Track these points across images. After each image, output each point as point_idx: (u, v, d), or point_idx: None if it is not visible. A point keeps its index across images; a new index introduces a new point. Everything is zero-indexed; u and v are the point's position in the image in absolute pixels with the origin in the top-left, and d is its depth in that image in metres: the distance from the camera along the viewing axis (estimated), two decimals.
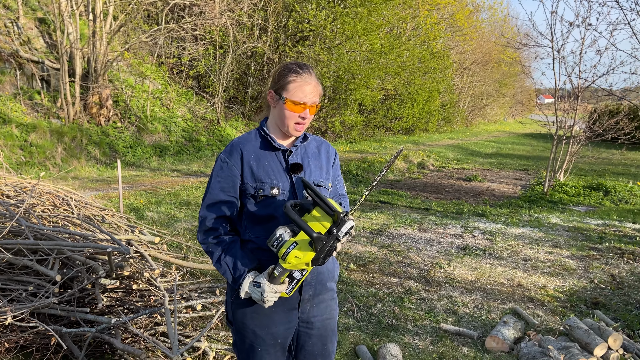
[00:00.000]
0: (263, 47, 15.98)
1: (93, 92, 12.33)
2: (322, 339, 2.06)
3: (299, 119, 1.89)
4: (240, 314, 1.97)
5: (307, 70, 1.90)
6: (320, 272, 2.00)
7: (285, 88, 1.88)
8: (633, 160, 16.68)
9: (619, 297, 4.78)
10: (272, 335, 1.96)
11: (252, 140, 1.96)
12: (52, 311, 3.04)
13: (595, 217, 8.29)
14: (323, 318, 2.05)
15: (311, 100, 1.89)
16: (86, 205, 3.97)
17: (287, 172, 1.93)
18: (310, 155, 2.01)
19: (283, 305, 1.95)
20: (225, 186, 1.91)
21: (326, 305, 2.06)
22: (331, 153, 2.10)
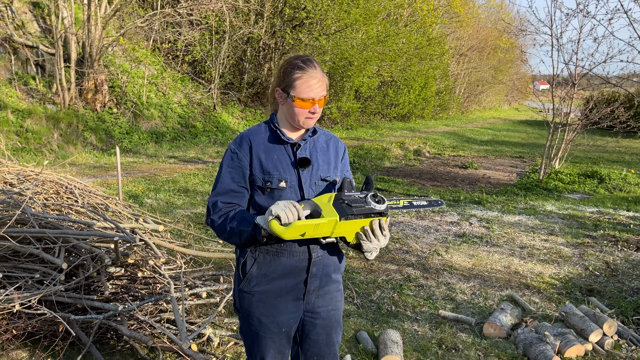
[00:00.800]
0: (259, 33, 15.87)
1: (88, 77, 12.24)
2: (326, 329, 2.10)
3: (309, 114, 1.92)
4: (246, 302, 2.01)
5: (311, 65, 1.91)
6: (326, 265, 2.03)
7: (292, 86, 1.89)
8: (627, 148, 16.80)
9: (614, 284, 4.88)
10: (277, 324, 2.01)
11: (261, 133, 1.98)
12: (60, 298, 3.08)
13: (589, 204, 8.39)
14: (328, 309, 2.09)
15: (319, 95, 1.90)
16: (90, 194, 3.99)
17: (295, 165, 1.96)
18: (318, 150, 2.03)
19: (288, 295, 1.99)
20: (236, 176, 1.94)
21: (331, 296, 2.09)
22: (340, 148, 2.12)
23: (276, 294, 1.98)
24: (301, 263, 1.97)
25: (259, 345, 2.05)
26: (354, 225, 1.81)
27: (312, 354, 2.13)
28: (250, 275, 1.97)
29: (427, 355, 3.50)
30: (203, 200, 7.45)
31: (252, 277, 1.97)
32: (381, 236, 1.83)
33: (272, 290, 1.97)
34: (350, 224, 1.80)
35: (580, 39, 9.98)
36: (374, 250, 1.88)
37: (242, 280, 2.00)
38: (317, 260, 1.99)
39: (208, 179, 8.90)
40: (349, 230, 1.83)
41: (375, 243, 1.84)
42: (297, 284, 1.99)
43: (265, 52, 16.92)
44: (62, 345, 3.09)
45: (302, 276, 1.99)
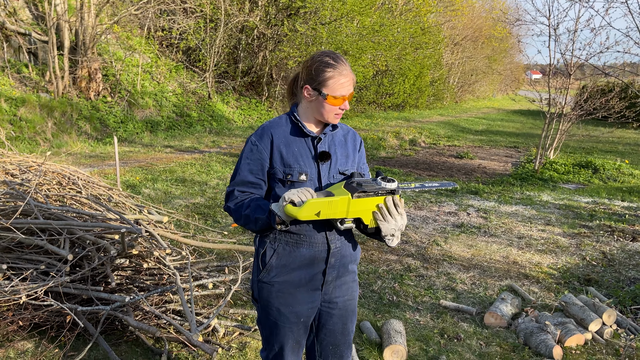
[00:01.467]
0: (255, 21, 15.75)
1: (82, 65, 12.12)
2: (342, 319, 2.14)
3: (339, 110, 1.95)
4: (265, 292, 2.03)
5: (341, 62, 1.93)
6: (343, 256, 2.06)
7: (325, 84, 1.90)
8: (620, 138, 16.93)
9: (611, 274, 4.95)
10: (295, 314, 2.04)
11: (282, 125, 2.00)
12: (66, 290, 3.08)
13: (585, 194, 8.46)
14: (345, 299, 2.12)
15: (349, 92, 1.94)
16: (93, 184, 3.97)
17: (315, 159, 1.98)
18: (337, 143, 2.05)
19: (307, 285, 2.02)
20: (254, 168, 1.96)
21: (348, 286, 2.13)
22: (357, 141, 2.14)
23: (295, 285, 2.01)
24: (320, 254, 2.00)
25: (277, 335, 2.08)
26: (368, 204, 1.86)
27: (328, 343, 2.17)
28: (269, 266, 2.00)
29: (429, 344, 3.55)
30: (201, 190, 7.45)
31: (272, 268, 2.00)
32: (397, 215, 1.87)
33: (291, 281, 2.00)
34: (363, 202, 1.84)
35: (577, 29, 10.01)
36: (395, 233, 1.90)
37: (262, 270, 2.02)
38: (336, 251, 2.02)
39: (205, 169, 8.88)
40: (364, 210, 1.86)
41: (393, 224, 1.87)
42: (315, 274, 2.02)
43: (260, 41, 16.80)
44: (69, 336, 3.10)
45: (320, 267, 2.01)
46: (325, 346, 2.18)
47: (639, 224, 6.64)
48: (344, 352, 2.21)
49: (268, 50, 16.83)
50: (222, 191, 7.52)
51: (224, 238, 4.94)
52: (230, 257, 4.66)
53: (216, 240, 4.33)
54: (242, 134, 13.59)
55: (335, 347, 2.17)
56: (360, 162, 2.15)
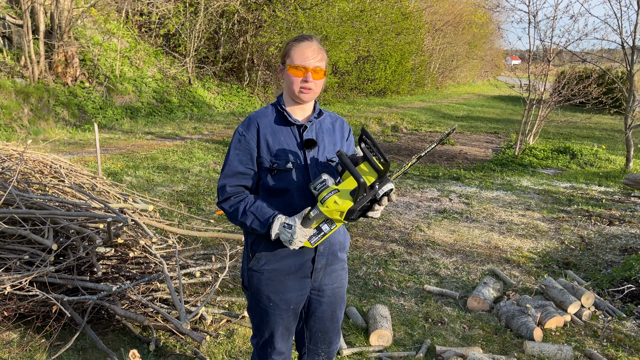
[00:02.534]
0: (235, 6, 15.53)
1: (58, 50, 11.83)
2: (332, 306, 2.17)
3: (302, 83, 1.94)
4: (255, 280, 2.06)
5: (308, 38, 1.98)
6: (332, 244, 2.09)
7: (288, 55, 1.96)
8: (597, 124, 17.25)
9: (588, 257, 5.09)
10: (285, 301, 2.06)
11: (268, 115, 2.01)
12: (51, 279, 3.06)
13: (563, 179, 8.64)
14: (334, 287, 2.15)
15: (312, 64, 1.93)
16: (76, 173, 3.92)
17: (301, 147, 1.99)
18: (324, 131, 2.07)
19: (297, 273, 2.05)
20: (243, 159, 1.97)
21: (337, 274, 2.16)
22: (345, 129, 2.16)
23: (285, 272, 2.03)
24: None
25: (267, 322, 2.11)
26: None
27: (317, 330, 2.20)
28: (259, 254, 2.02)
29: (414, 328, 3.62)
30: (183, 178, 7.39)
31: (262, 256, 2.02)
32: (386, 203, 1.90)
33: (280, 269, 2.02)
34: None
35: (557, 16, 10.12)
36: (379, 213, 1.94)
37: (252, 259, 2.04)
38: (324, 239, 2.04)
39: (187, 156, 8.80)
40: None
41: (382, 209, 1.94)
42: (305, 262, 2.04)
43: (240, 26, 16.59)
44: (56, 326, 3.08)
45: (310, 254, 2.04)
46: (314, 333, 2.21)
47: (615, 209, 6.82)
48: (332, 338, 2.25)
49: (249, 35, 16.64)
50: (205, 178, 7.47)
51: (209, 226, 4.93)
52: (217, 245, 4.66)
53: (202, 229, 4.32)
54: (223, 120, 13.48)
55: (324, 333, 2.21)
56: (350, 149, 2.16)
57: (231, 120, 13.54)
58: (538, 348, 3.28)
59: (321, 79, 1.98)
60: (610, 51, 14.27)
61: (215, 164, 8.47)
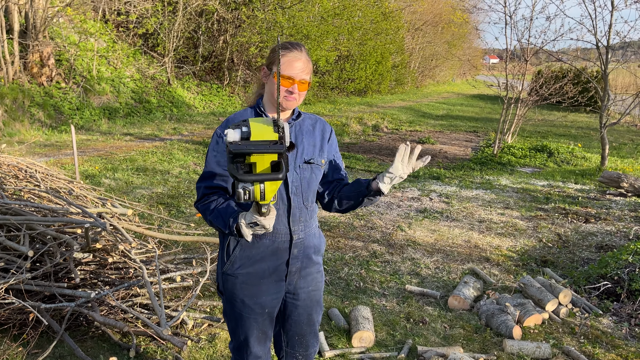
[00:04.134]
0: (214, 5, 15.42)
1: (33, 50, 11.60)
2: (307, 309, 2.18)
3: (287, 93, 1.95)
4: (230, 284, 2.06)
5: (297, 48, 1.98)
6: (306, 247, 2.09)
7: (275, 62, 1.95)
8: (573, 122, 17.55)
9: (565, 255, 5.18)
10: (259, 305, 2.06)
11: (246, 117, 2.00)
12: (28, 287, 3.00)
13: (540, 178, 8.77)
14: (309, 290, 2.16)
15: (299, 76, 1.94)
16: (52, 177, 3.84)
17: None
18: (304, 133, 2.07)
19: (271, 276, 2.05)
20: (221, 160, 1.97)
21: (312, 277, 2.16)
22: (326, 130, 2.16)
23: (259, 276, 2.03)
24: (283, 244, 2.02)
25: (242, 326, 2.10)
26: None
27: (294, 333, 2.21)
28: (233, 258, 2.02)
29: (396, 329, 3.64)
30: (163, 180, 7.32)
31: (236, 260, 2.02)
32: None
33: (255, 272, 2.02)
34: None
35: (533, 16, 10.28)
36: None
37: (226, 263, 2.04)
38: (298, 241, 2.05)
39: (167, 157, 8.71)
40: None
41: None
42: (279, 265, 2.04)
43: (220, 25, 16.48)
44: (33, 334, 3.02)
45: (284, 257, 2.04)
46: (291, 336, 2.22)
47: (591, 206, 6.95)
48: (309, 341, 2.25)
49: (229, 34, 16.55)
50: (185, 180, 7.41)
51: (190, 229, 4.89)
52: (197, 249, 4.62)
53: (182, 232, 4.28)
54: (203, 121, 13.38)
55: (301, 337, 2.22)
56: (332, 151, 2.16)
57: (211, 121, 13.45)
58: (517, 346, 3.33)
59: (306, 89, 1.99)
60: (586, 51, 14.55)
61: (195, 165, 8.40)
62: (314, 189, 2.10)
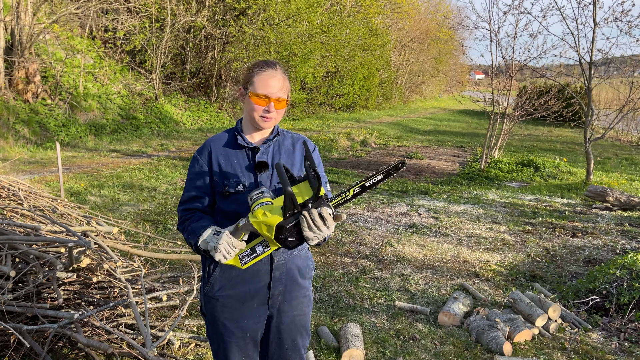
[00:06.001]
0: (202, 22, 15.48)
1: (19, 66, 11.52)
2: (291, 334, 2.10)
3: (264, 112, 1.93)
4: (211, 307, 2.01)
5: (272, 66, 1.95)
6: (290, 269, 2.02)
7: (251, 82, 1.93)
8: (558, 137, 17.78)
9: (554, 270, 5.19)
10: (241, 329, 2.01)
11: (223, 138, 2.02)
12: (9, 308, 2.92)
13: (527, 192, 8.84)
14: (293, 314, 2.08)
15: (275, 95, 1.92)
16: (35, 195, 3.77)
17: (252, 169, 1.97)
18: (282, 152, 2.04)
19: (253, 300, 1.99)
20: (198, 183, 1.99)
21: (298, 302, 2.08)
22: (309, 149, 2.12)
23: (240, 299, 1.99)
24: (263, 267, 1.97)
25: (224, 349, 2.05)
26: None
27: (278, 357, 2.13)
28: (213, 279, 1.99)
29: (386, 346, 3.60)
30: (150, 196, 7.24)
31: (216, 281, 1.99)
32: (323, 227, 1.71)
33: (235, 295, 1.98)
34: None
35: (517, 34, 10.44)
36: (315, 239, 1.74)
37: (207, 284, 2.01)
38: (280, 264, 1.99)
39: (154, 174, 8.64)
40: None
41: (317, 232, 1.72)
42: (260, 288, 1.99)
43: (208, 42, 16.53)
44: (15, 356, 2.93)
45: (265, 280, 1.99)
46: None
47: (578, 220, 7.00)
48: None
49: (216, 50, 16.59)
50: (172, 197, 7.34)
51: (177, 247, 4.83)
52: (184, 266, 4.55)
53: (169, 250, 4.22)
54: (191, 137, 13.33)
55: None
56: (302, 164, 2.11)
57: (199, 137, 13.40)
58: None
59: (283, 108, 1.97)
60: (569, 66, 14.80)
61: (182, 182, 8.34)
62: None
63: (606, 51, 9.26)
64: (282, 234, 1.71)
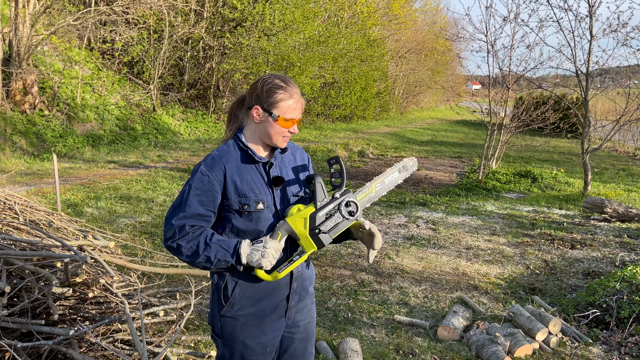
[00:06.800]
0: (200, 33, 15.53)
1: (16, 77, 11.52)
2: (304, 342, 2.14)
3: (288, 133, 1.93)
4: (229, 327, 1.97)
5: (291, 85, 1.93)
6: (303, 279, 2.06)
7: (276, 106, 1.88)
8: (555, 148, 17.83)
9: (553, 282, 5.16)
10: (261, 345, 2.00)
11: (232, 154, 1.94)
12: (4, 324, 2.88)
13: (525, 203, 8.83)
14: (306, 322, 2.12)
15: (299, 115, 1.95)
16: (31, 209, 3.74)
17: (269, 185, 1.94)
18: (287, 164, 2.04)
19: (272, 314, 1.99)
20: (205, 200, 1.87)
21: (308, 309, 2.13)
22: (305, 158, 2.14)
23: (260, 315, 1.97)
24: (283, 280, 1.98)
25: None
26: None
27: None
28: (233, 300, 1.94)
29: None
30: (147, 208, 7.21)
31: (235, 301, 1.95)
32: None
33: (256, 312, 1.97)
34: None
35: (513, 45, 10.50)
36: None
37: (225, 305, 1.95)
38: (298, 275, 2.02)
39: (151, 185, 8.61)
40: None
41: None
42: (280, 301, 2.00)
43: (206, 53, 16.58)
44: None
45: (284, 293, 2.00)
46: None
47: (576, 232, 6.99)
48: None
49: (214, 61, 16.63)
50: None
51: (173, 260, 4.79)
52: (181, 281, 4.52)
53: (166, 264, 4.19)
54: (189, 147, 13.31)
55: None
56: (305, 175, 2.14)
57: (197, 147, 13.39)
58: None
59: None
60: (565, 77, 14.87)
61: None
62: None
63: (603, 63, 9.31)
64: (316, 224, 1.88)
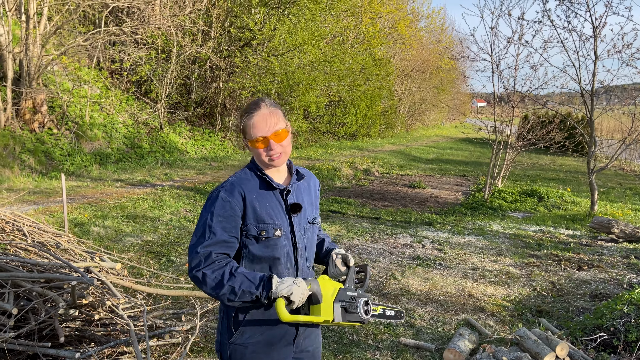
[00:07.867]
0: (207, 53, 15.74)
1: (26, 97, 11.68)
2: None
3: (268, 152, 1.92)
4: (239, 355, 1.97)
5: (257, 107, 1.92)
6: None
7: (245, 132, 1.94)
8: (561, 166, 17.80)
9: (560, 304, 5.12)
10: None
11: (250, 180, 1.96)
12: (10, 346, 2.89)
13: (532, 223, 8.79)
14: (314, 347, 2.14)
15: (270, 131, 1.90)
16: (40, 231, 3.78)
17: (286, 212, 1.97)
18: (303, 191, 2.07)
19: (281, 342, 2.00)
20: (227, 226, 1.87)
21: (315, 334, 2.14)
22: (317, 185, 2.19)
23: (269, 343, 1.97)
24: None
25: None
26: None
27: None
28: (244, 328, 1.95)
29: None
30: (153, 227, 7.24)
31: (246, 330, 1.95)
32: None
33: (265, 340, 1.97)
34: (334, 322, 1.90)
35: (518, 65, 10.57)
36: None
37: (234, 333, 1.96)
38: None
39: (158, 204, 8.66)
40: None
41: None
42: (288, 329, 2.00)
43: (213, 72, 16.78)
44: None
45: None
46: None
47: (583, 253, 6.94)
48: None
49: (221, 80, 16.81)
50: (175, 227, 7.33)
51: (179, 282, 4.80)
52: (187, 302, 4.52)
53: (172, 286, 4.20)
54: (195, 166, 13.39)
55: None
56: (316, 203, 2.18)
57: (203, 166, 13.47)
58: None
59: (285, 138, 1.94)
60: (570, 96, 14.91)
61: (186, 212, 8.34)
62: (315, 249, 2.10)
63: (607, 82, 9.33)
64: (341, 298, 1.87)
